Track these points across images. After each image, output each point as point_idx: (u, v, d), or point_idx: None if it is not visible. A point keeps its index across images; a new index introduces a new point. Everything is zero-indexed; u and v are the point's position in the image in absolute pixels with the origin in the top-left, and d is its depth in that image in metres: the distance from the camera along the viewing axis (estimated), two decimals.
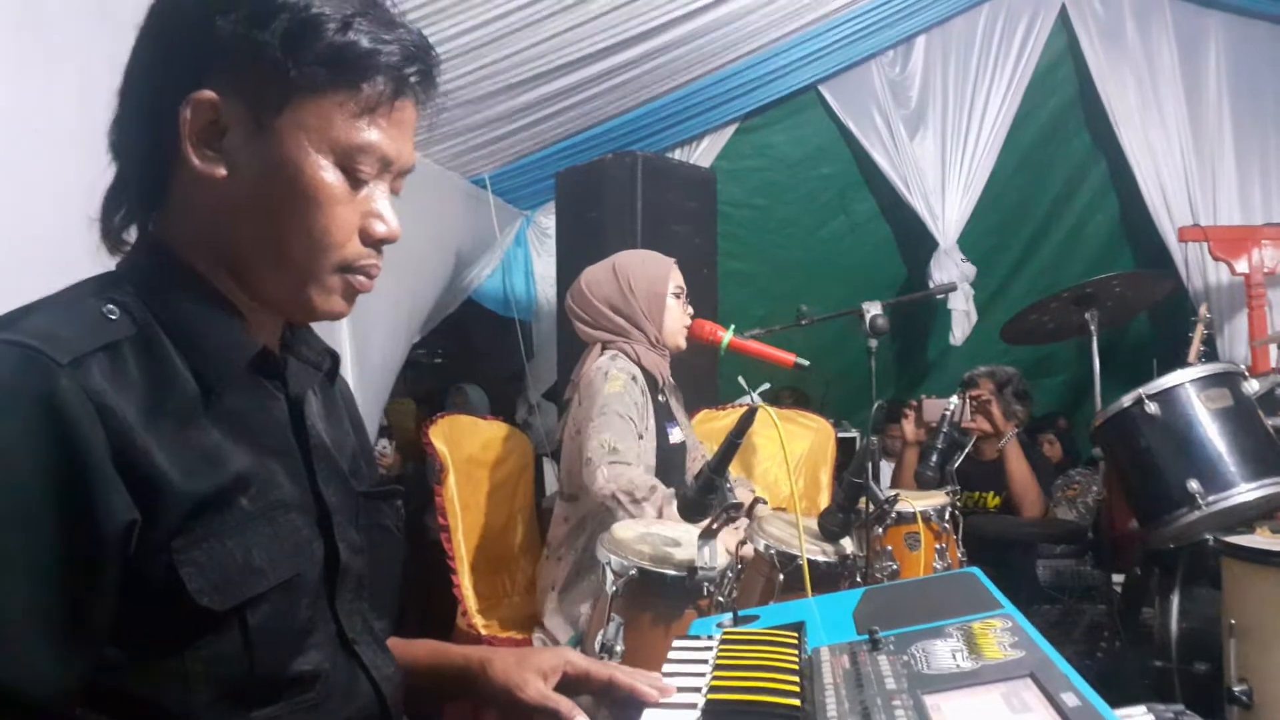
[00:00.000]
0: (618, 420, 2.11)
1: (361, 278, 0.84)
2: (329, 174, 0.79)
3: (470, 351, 5.06)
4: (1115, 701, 0.76)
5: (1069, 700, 0.77)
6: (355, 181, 0.81)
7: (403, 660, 1.01)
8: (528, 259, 4.59)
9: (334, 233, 0.80)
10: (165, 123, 0.77)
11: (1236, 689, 1.95)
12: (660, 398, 2.36)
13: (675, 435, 2.37)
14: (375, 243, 0.83)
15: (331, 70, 0.77)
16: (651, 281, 2.32)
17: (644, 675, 0.96)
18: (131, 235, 0.84)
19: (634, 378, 2.22)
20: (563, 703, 0.95)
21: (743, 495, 2.31)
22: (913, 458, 3.38)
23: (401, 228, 0.84)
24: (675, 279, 2.36)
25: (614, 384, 2.17)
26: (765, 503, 1.97)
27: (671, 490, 2.01)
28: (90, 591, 0.69)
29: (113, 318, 0.75)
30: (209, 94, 0.76)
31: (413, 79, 0.81)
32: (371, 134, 0.80)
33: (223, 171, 0.78)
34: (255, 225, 0.79)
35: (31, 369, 0.68)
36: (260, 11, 0.76)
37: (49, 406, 0.67)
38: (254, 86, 0.76)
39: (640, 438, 2.17)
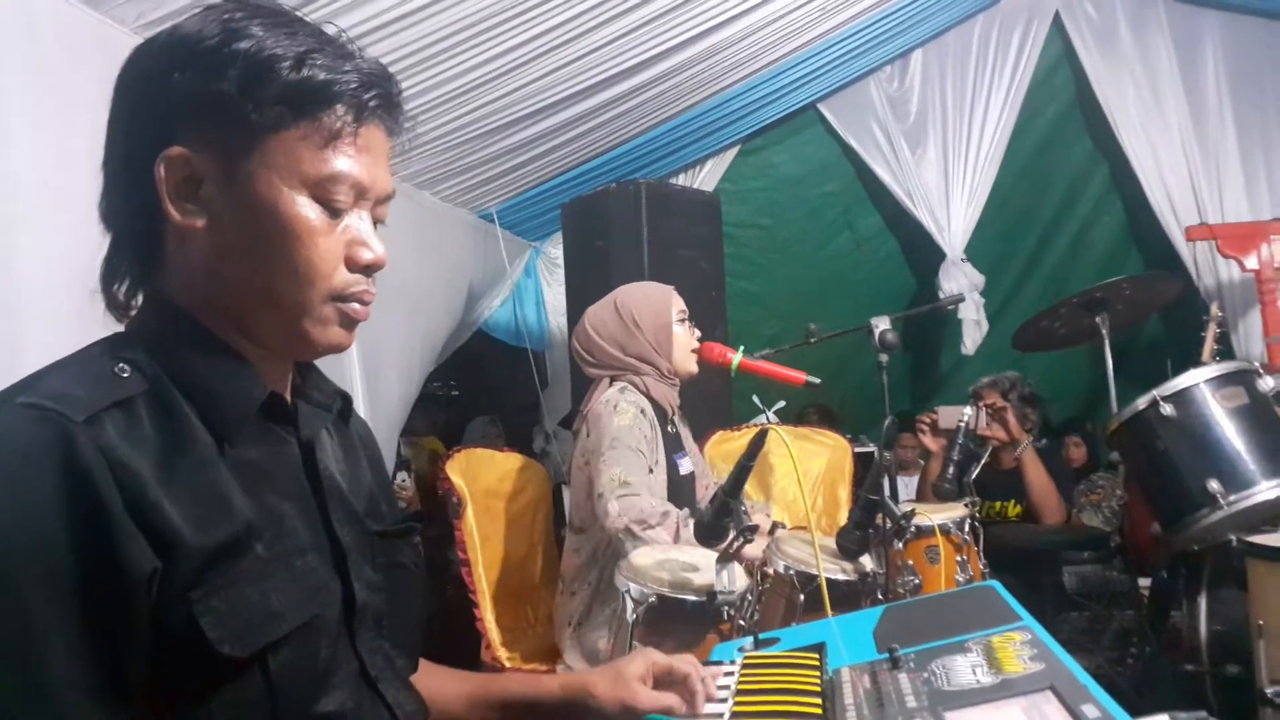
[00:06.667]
0: (628, 453, 2.11)
1: (356, 305, 0.85)
2: (305, 208, 0.80)
3: (485, 383, 5.08)
4: (1150, 708, 0.77)
5: (1089, 712, 0.78)
6: (333, 212, 0.82)
7: (488, 694, 1.09)
8: (538, 289, 4.63)
9: (318, 264, 0.81)
10: (145, 184, 0.79)
11: (1269, 691, 1.92)
12: (670, 429, 2.36)
13: (685, 466, 2.37)
14: (363, 269, 0.85)
15: (291, 106, 0.79)
16: (656, 313, 2.32)
17: (711, 680, 1.07)
18: (135, 299, 0.86)
19: (642, 411, 2.22)
20: (671, 697, 1.05)
21: (760, 521, 2.31)
22: (935, 469, 3.35)
23: (389, 254, 0.85)
24: (677, 304, 2.36)
25: (623, 417, 2.17)
26: (785, 526, 1.97)
27: (684, 512, 2.01)
28: (126, 646, 0.70)
29: (124, 375, 0.77)
30: (179, 149, 0.78)
31: (373, 104, 0.83)
32: (339, 163, 0.81)
33: (202, 222, 0.80)
34: (242, 268, 0.81)
35: (48, 428, 0.70)
36: (216, 62, 0.78)
37: (67, 463, 0.69)
38: (220, 135, 0.79)
39: (651, 470, 2.17)
